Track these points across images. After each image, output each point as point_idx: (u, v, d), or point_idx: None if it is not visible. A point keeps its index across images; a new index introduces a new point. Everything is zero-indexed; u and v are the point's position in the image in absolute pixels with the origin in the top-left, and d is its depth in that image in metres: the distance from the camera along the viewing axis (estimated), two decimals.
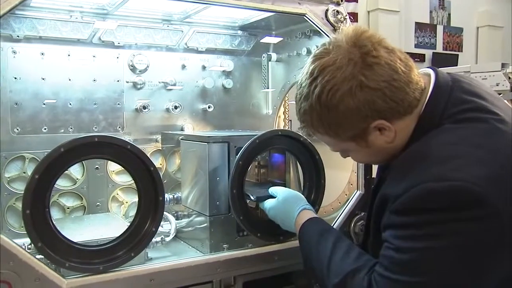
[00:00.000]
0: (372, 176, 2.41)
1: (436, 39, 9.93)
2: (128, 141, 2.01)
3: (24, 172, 2.50)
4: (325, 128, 1.65)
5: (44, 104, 2.55)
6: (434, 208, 1.42)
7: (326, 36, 2.44)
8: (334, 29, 2.44)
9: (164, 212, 2.12)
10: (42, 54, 2.54)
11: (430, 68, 1.71)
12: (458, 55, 10.21)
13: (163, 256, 2.21)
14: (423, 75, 1.67)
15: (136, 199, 2.07)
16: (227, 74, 3.09)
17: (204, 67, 3.01)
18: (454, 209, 1.40)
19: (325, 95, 1.56)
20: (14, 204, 2.48)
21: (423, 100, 1.62)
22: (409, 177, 1.49)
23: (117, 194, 2.75)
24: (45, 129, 2.55)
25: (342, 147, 1.75)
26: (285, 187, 2.36)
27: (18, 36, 2.46)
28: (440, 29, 10.01)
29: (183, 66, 2.94)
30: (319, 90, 1.57)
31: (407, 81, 1.57)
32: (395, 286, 1.49)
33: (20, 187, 2.47)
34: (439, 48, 10.08)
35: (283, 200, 2.12)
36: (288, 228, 2.08)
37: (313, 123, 1.66)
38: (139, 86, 2.79)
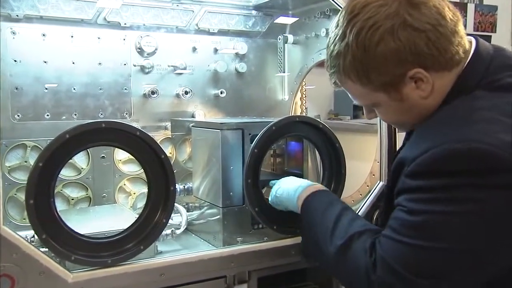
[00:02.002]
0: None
1: (466, 19, 9.84)
2: (137, 127, 2.02)
3: (26, 161, 2.52)
4: (358, 72, 1.63)
5: (46, 89, 2.56)
6: (453, 170, 1.41)
7: None
8: None
9: (175, 204, 2.13)
10: (44, 35, 2.54)
11: (471, 36, 1.70)
12: (491, 36, 10.10)
13: (174, 249, 2.22)
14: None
15: (144, 189, 2.08)
16: (240, 57, 3.09)
17: (216, 50, 3.01)
18: (475, 174, 1.39)
19: (365, 33, 1.56)
20: (15, 195, 2.49)
21: (463, 62, 1.61)
22: (430, 139, 1.49)
23: (124, 184, 2.77)
24: (47, 115, 2.57)
25: (372, 100, 1.71)
26: (302, 177, 2.37)
27: (17, 15, 2.46)
28: (471, 7, 9.91)
29: (194, 49, 2.94)
30: (358, 28, 1.57)
31: (454, 31, 1.57)
32: (399, 248, 1.49)
33: (21, 177, 2.49)
34: (470, 29, 9.98)
35: (287, 179, 2.18)
36: (291, 202, 2.09)
37: (345, 67, 1.65)
38: (147, 70, 2.80)
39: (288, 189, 2.12)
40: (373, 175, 2.53)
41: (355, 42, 1.58)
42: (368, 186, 2.56)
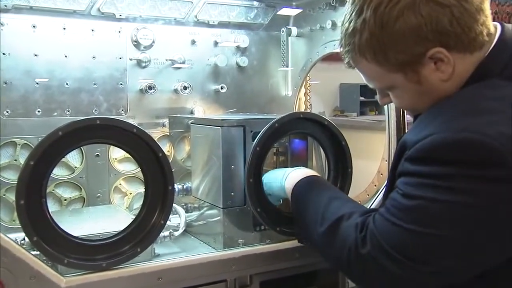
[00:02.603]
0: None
1: None
2: (133, 124, 2.01)
3: (16, 160, 2.51)
4: (375, 50, 1.61)
5: (37, 83, 2.55)
6: (448, 159, 1.41)
7: None
8: None
9: (173, 204, 2.12)
10: (34, 26, 2.53)
11: (496, 21, 1.67)
12: None
13: (172, 252, 2.22)
14: None
15: (141, 189, 2.08)
16: (242, 50, 3.09)
17: (216, 43, 3.00)
18: (469, 164, 1.40)
19: (383, 7, 1.53)
20: (4, 195, 2.49)
21: (487, 47, 1.59)
22: (433, 124, 1.49)
23: (120, 184, 2.76)
24: (38, 111, 2.55)
25: (387, 82, 1.69)
26: None
27: (5, 5, 2.44)
28: None
29: (193, 42, 2.93)
30: (377, 2, 1.54)
31: (479, 8, 1.54)
32: (390, 228, 1.51)
33: (11, 176, 2.49)
34: None
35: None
36: (279, 188, 2.11)
37: (361, 45, 1.62)
38: (144, 64, 2.79)
39: (276, 173, 2.17)
40: (381, 174, 2.53)
41: (373, 17, 1.55)
42: (375, 186, 2.55)
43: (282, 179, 2.10)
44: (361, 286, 1.81)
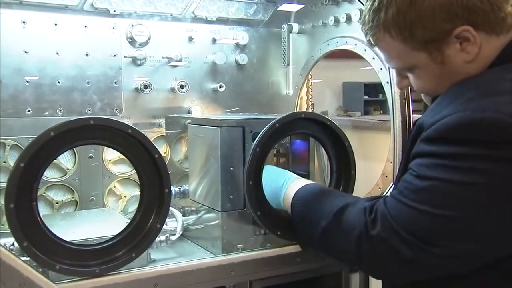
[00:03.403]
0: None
1: None
2: (128, 124, 2.00)
3: (5, 161, 2.50)
4: (400, 27, 1.63)
5: (27, 82, 2.54)
6: (465, 139, 1.44)
7: (358, 2, 2.42)
8: None
9: (169, 208, 2.11)
10: (24, 22, 2.52)
11: None
12: None
13: (168, 257, 2.21)
14: None
15: (136, 192, 2.08)
16: (241, 48, 3.09)
17: (214, 40, 3.00)
18: (486, 144, 1.42)
19: None
20: None
21: None
22: (452, 106, 1.50)
23: (114, 186, 2.76)
24: (29, 111, 2.55)
25: (410, 61, 1.71)
26: (308, 178, 2.36)
27: None
28: None
29: (190, 39, 2.93)
30: None
31: None
32: (403, 209, 1.53)
33: (0, 179, 2.48)
34: None
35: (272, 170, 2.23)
36: (277, 196, 2.13)
37: (386, 21, 1.65)
38: (139, 62, 2.78)
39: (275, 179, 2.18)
40: (386, 176, 2.52)
41: None
42: (380, 188, 2.55)
43: (282, 189, 2.11)
44: (371, 272, 1.83)
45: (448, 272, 1.57)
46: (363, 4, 2.33)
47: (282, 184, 2.12)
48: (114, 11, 2.70)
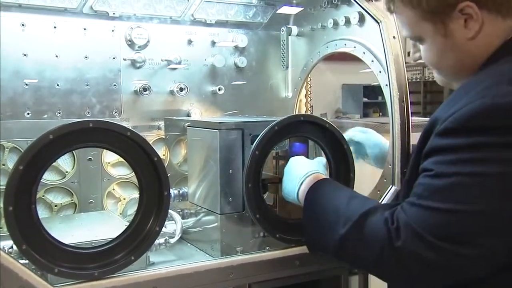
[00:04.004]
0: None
1: None
2: (127, 127, 2.00)
3: (4, 164, 2.50)
4: None
5: (26, 84, 2.53)
6: (492, 127, 1.42)
7: (357, 5, 2.42)
8: None
9: (169, 210, 2.11)
10: (23, 25, 2.52)
11: None
12: None
13: (167, 260, 2.21)
14: None
15: (135, 194, 2.07)
16: (240, 50, 3.08)
17: (213, 43, 3.00)
18: (510, 130, 1.40)
19: None
20: None
21: None
22: (468, 96, 1.50)
23: (113, 189, 2.75)
24: (28, 113, 2.54)
25: (418, 31, 1.77)
26: None
27: None
28: None
29: (190, 42, 2.93)
30: None
31: None
32: (426, 214, 1.50)
33: None
34: None
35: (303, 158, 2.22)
36: (292, 187, 2.11)
37: None
38: (138, 65, 2.78)
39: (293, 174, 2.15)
40: (385, 179, 2.51)
41: None
42: (379, 191, 2.54)
43: (297, 184, 2.09)
44: (394, 282, 1.76)
45: (478, 273, 1.53)
46: (362, 7, 2.34)
47: (299, 177, 2.10)
48: (114, 13, 2.69)
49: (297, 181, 2.09)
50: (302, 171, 2.11)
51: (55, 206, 2.62)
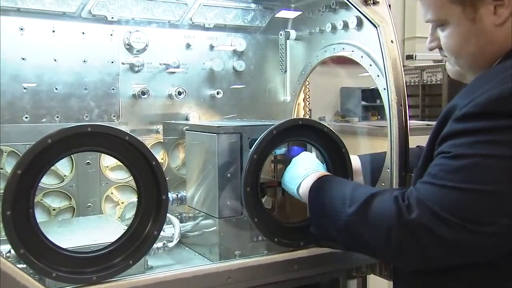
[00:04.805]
0: (409, 173, 2.39)
1: None
2: (126, 131, 1.99)
3: (2, 168, 2.49)
4: None
5: (25, 88, 2.53)
6: (507, 112, 1.43)
7: (355, 9, 2.41)
8: (366, 2, 2.42)
9: (167, 214, 2.11)
10: (22, 29, 2.51)
11: None
12: None
13: (166, 264, 2.20)
14: None
15: (133, 198, 2.07)
16: (238, 54, 3.08)
17: (212, 47, 3.00)
18: None
19: None
20: None
21: None
22: (491, 83, 1.50)
23: (112, 193, 2.75)
24: (26, 117, 2.54)
25: (443, 14, 1.75)
26: None
27: None
28: None
29: (188, 46, 2.93)
30: None
31: None
32: (442, 192, 1.50)
33: None
34: None
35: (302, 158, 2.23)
36: (294, 175, 2.14)
37: None
38: (136, 69, 2.78)
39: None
40: (383, 183, 2.51)
41: None
42: None
43: (300, 176, 2.11)
44: (403, 260, 1.71)
45: (490, 254, 1.54)
46: (360, 12, 2.33)
47: (303, 173, 2.11)
48: (112, 18, 2.69)
49: (299, 173, 2.11)
50: (310, 166, 2.14)
51: (53, 210, 2.61)
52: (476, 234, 1.47)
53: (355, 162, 2.45)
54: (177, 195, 2.47)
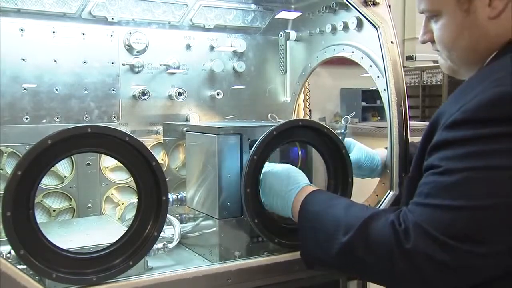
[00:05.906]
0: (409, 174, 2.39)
1: None
2: (126, 132, 1.99)
3: (2, 169, 2.49)
4: None
5: (25, 89, 2.53)
6: (503, 116, 1.38)
7: (355, 10, 2.41)
8: (366, 3, 2.42)
9: (167, 215, 2.11)
10: (22, 30, 2.52)
11: None
12: None
13: (166, 265, 2.20)
14: None
15: (133, 199, 2.06)
16: (238, 55, 3.08)
17: (212, 48, 3.00)
18: None
19: None
20: None
21: None
22: (479, 88, 1.47)
23: (112, 194, 2.75)
24: (26, 118, 2.54)
25: (438, 4, 1.75)
26: None
27: None
28: None
29: (188, 46, 2.93)
30: None
31: None
32: (436, 213, 1.45)
33: None
34: None
35: (284, 167, 2.17)
36: (283, 203, 2.08)
37: None
38: (137, 70, 2.78)
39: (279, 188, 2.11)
40: (383, 184, 2.51)
41: None
42: (377, 196, 2.53)
43: (289, 200, 2.05)
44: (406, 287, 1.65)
45: (494, 272, 1.47)
46: (360, 12, 2.33)
47: (289, 192, 2.06)
48: (112, 19, 2.69)
49: (287, 197, 2.06)
50: (288, 185, 2.08)
51: (53, 211, 2.61)
52: (477, 254, 1.41)
53: (383, 155, 2.50)
54: (177, 196, 2.47)
